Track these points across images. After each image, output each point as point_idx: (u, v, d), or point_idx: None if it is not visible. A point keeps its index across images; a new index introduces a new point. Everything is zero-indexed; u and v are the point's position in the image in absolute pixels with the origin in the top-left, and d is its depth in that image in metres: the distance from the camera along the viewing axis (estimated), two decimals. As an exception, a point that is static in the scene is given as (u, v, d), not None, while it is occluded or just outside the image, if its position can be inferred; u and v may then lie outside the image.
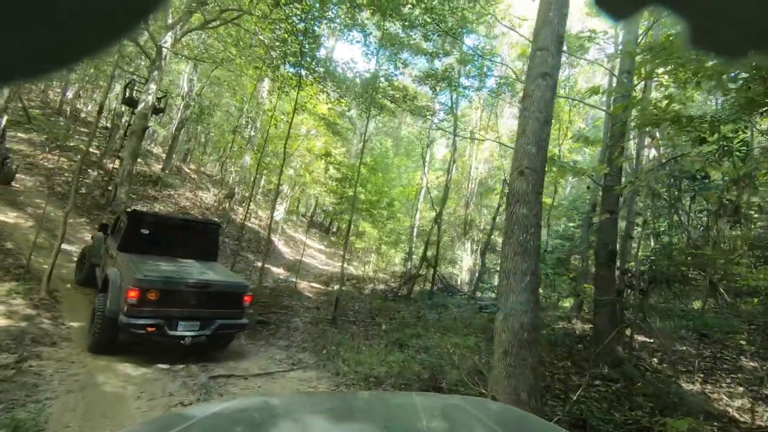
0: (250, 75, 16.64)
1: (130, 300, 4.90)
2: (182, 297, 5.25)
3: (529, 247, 3.31)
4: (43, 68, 0.26)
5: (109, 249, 6.44)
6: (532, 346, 3.15)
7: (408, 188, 21.47)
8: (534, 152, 3.43)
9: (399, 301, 13.11)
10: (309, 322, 8.45)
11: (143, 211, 7.07)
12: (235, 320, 5.68)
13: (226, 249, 15.34)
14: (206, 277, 5.68)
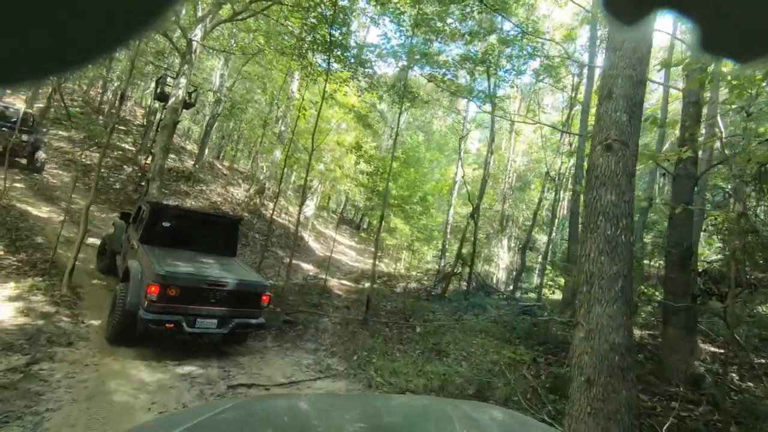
0: (280, 68, 16.35)
1: (151, 295, 4.84)
2: (202, 294, 5.17)
3: (619, 243, 2.57)
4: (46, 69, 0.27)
5: (130, 238, 6.40)
6: (627, 375, 2.42)
7: (441, 183, 20.65)
8: (625, 120, 2.68)
9: (433, 300, 12.44)
10: (339, 322, 7.94)
11: (166, 204, 6.99)
12: (252, 319, 5.60)
13: (255, 245, 15.16)
14: (226, 275, 5.54)
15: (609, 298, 2.50)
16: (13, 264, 6.63)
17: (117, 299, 5.18)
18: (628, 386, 2.41)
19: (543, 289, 13.45)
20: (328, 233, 27.75)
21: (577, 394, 2.49)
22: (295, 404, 1.56)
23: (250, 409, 1.39)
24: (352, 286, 14.21)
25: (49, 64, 0.26)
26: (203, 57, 21.99)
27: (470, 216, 12.77)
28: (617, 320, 2.47)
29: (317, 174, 25.13)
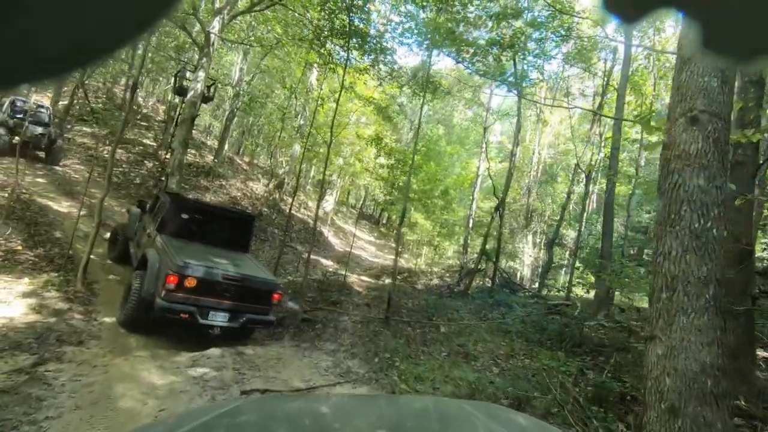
0: (298, 60, 16.07)
1: (169, 285, 4.95)
2: (216, 288, 5.29)
3: (710, 239, 2.09)
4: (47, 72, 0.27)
5: (146, 227, 6.51)
6: (723, 403, 1.95)
7: (462, 177, 20.10)
8: (715, 86, 2.18)
9: (456, 298, 11.99)
10: (359, 321, 7.61)
11: (185, 196, 7.12)
12: (262, 316, 5.71)
13: (275, 240, 15.00)
14: (241, 271, 5.63)
15: (698, 307, 2.02)
16: (30, 259, 6.53)
17: (133, 287, 5.26)
18: (724, 417, 1.94)
19: (571, 286, 12.82)
20: (347, 228, 27.56)
21: (656, 425, 2.02)
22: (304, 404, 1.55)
23: (258, 408, 1.40)
24: (372, 282, 13.88)
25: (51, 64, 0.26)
26: (222, 52, 21.93)
27: (495, 210, 12.24)
28: (708, 335, 1.99)
29: (336, 168, 24.89)
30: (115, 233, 7.79)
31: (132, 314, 5.18)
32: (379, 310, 8.72)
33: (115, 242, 7.66)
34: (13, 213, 7.78)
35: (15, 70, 0.25)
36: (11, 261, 6.24)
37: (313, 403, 1.61)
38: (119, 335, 5.18)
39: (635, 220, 15.50)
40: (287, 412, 1.37)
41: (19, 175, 10.74)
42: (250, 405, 1.47)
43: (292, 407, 1.45)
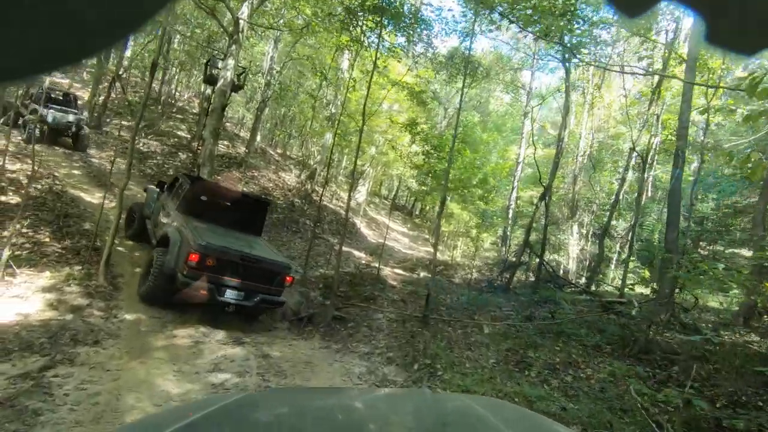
0: (329, 45, 15.53)
1: (191, 262, 5.21)
2: (234, 268, 5.55)
3: None
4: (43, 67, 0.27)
5: (165, 206, 6.72)
6: None
7: (500, 165, 18.99)
8: None
9: (497, 293, 11.19)
10: (395, 319, 7.02)
11: (205, 179, 7.36)
12: (274, 297, 5.93)
13: (306, 231, 14.66)
14: (257, 253, 5.91)
15: None
16: (57, 251, 6.34)
17: (155, 262, 5.51)
18: None
19: (625, 282, 11.70)
20: (380, 219, 27.08)
21: None
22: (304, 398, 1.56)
23: (262, 402, 1.40)
24: (406, 275, 13.28)
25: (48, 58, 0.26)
26: (254, 41, 21.74)
27: (540, 199, 11.28)
28: None
29: (368, 158, 24.37)
30: (132, 212, 7.96)
31: (153, 289, 5.48)
32: (415, 307, 8.11)
33: (132, 220, 7.86)
34: (44, 204, 7.68)
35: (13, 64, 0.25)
36: (37, 253, 6.06)
37: (315, 397, 1.60)
38: (139, 334, 4.83)
39: (696, 209, 14.04)
40: (290, 405, 1.37)
41: (54, 166, 10.87)
42: (254, 398, 1.45)
43: (294, 401, 1.46)
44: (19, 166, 9.21)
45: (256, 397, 1.56)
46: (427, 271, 14.99)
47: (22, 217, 5.59)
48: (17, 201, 7.49)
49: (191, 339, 5.08)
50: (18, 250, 6.05)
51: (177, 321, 5.53)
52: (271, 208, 14.95)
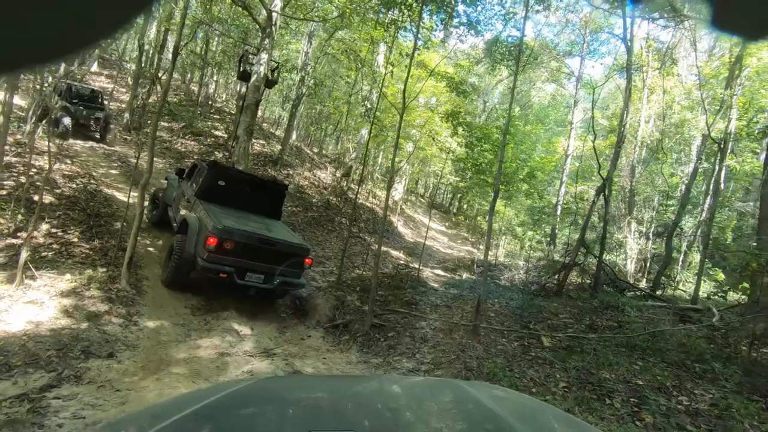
0: (364, 37, 14.93)
1: (209, 246, 5.23)
2: (253, 251, 5.54)
3: None
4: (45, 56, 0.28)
5: (185, 193, 6.79)
6: None
7: (546, 159, 17.70)
8: None
9: (549, 297, 10.17)
10: (440, 328, 6.27)
11: (223, 164, 7.33)
12: (294, 279, 5.99)
13: (342, 230, 14.14)
14: (275, 235, 5.92)
15: None
16: (84, 252, 6.06)
17: (175, 248, 5.63)
18: None
19: (699, 286, 10.33)
20: (417, 218, 26.31)
21: None
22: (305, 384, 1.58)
23: (265, 389, 1.40)
24: (447, 276, 12.46)
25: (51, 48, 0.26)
26: (288, 38, 21.54)
27: (598, 192, 10.13)
28: None
29: (405, 155, 23.70)
30: (155, 198, 8.13)
31: (174, 274, 5.59)
32: (461, 314, 7.32)
33: (155, 206, 8.02)
34: (76, 204, 7.51)
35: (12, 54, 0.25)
36: (64, 254, 5.79)
37: (315, 384, 1.61)
38: (159, 344, 4.36)
39: None
40: (288, 393, 1.36)
41: (92, 166, 10.89)
42: (257, 385, 1.42)
43: (294, 388, 1.45)
44: (57, 165, 9.18)
45: (265, 383, 1.54)
46: (470, 272, 14.10)
47: (39, 217, 5.28)
48: (50, 200, 7.37)
49: (216, 350, 4.57)
50: (45, 250, 5.81)
51: (202, 329, 5.05)
52: (306, 205, 14.56)
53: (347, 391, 1.42)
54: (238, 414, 1.09)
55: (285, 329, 5.92)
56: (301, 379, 2.41)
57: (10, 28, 0.24)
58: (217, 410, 1.08)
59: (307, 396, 1.32)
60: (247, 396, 1.22)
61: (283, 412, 1.16)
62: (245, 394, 1.23)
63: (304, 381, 2.07)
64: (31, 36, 0.25)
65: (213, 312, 5.57)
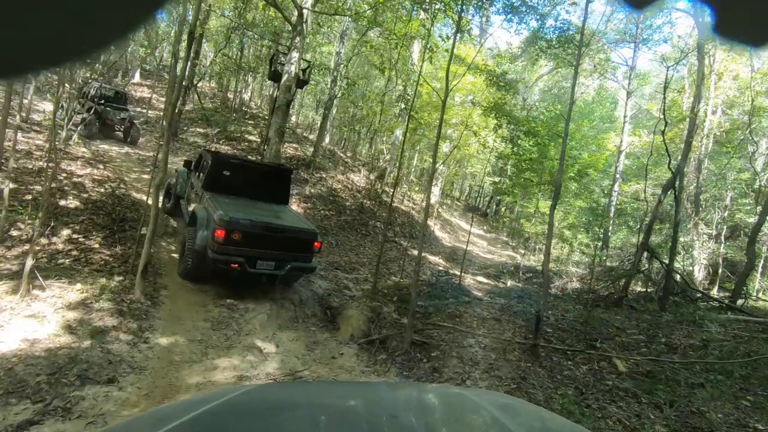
0: (398, 32, 14.27)
1: (218, 238, 5.26)
2: (261, 239, 5.55)
3: None
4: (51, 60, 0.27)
5: (193, 185, 6.92)
6: None
7: (596, 156, 16.29)
8: None
9: (609, 309, 9.03)
10: (491, 346, 5.41)
11: (226, 154, 7.28)
12: (304, 263, 5.99)
13: (377, 234, 13.47)
14: (282, 222, 5.92)
15: None
16: (104, 259, 5.68)
17: (187, 242, 5.75)
18: None
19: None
20: (453, 221, 25.33)
21: None
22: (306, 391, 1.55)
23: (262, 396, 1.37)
24: (491, 284, 11.50)
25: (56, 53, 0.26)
26: (320, 40, 21.27)
27: (665, 189, 8.91)
28: None
29: (442, 156, 22.86)
30: (169, 188, 8.32)
31: (188, 267, 5.64)
32: (513, 328, 6.42)
33: (169, 197, 8.26)
34: (102, 208, 7.22)
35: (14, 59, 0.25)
36: (81, 261, 5.41)
37: (318, 390, 1.60)
38: (170, 365, 3.79)
39: None
40: (289, 399, 1.34)
41: (125, 171, 10.80)
42: (255, 392, 1.40)
43: (295, 394, 1.43)
44: (88, 170, 9.05)
45: (260, 391, 1.47)
46: (515, 279, 13.04)
47: (43, 223, 4.89)
48: (76, 205, 7.13)
49: (234, 372, 3.96)
50: (64, 257, 5.46)
51: (221, 346, 4.47)
52: (339, 208, 14.00)
53: (349, 398, 1.41)
54: (238, 420, 1.09)
55: (314, 345, 5.27)
56: (303, 385, 2.32)
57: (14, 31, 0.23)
58: (218, 416, 1.07)
59: (309, 402, 1.31)
60: (247, 402, 1.21)
61: (283, 419, 1.15)
62: (246, 399, 1.23)
63: (307, 387, 2.03)
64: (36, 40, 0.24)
65: (235, 325, 5.00)
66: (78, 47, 0.26)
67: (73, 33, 0.25)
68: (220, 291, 5.84)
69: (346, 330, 6.02)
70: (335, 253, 10.21)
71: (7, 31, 0.24)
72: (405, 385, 3.43)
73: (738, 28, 0.27)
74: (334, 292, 7.41)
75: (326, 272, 8.42)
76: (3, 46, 0.24)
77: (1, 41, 0.24)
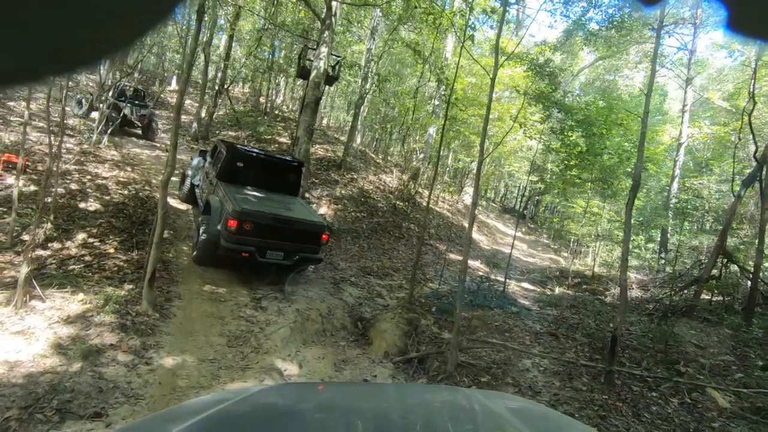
0: (430, 23, 13.50)
1: (230, 228, 5.41)
2: (272, 230, 5.68)
3: None
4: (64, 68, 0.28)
5: (208, 174, 7.09)
6: None
7: (652, 150, 14.78)
8: None
9: (678, 321, 7.85)
10: (554, 370, 4.53)
11: (240, 146, 7.34)
12: (312, 255, 6.14)
13: (411, 237, 12.72)
14: (291, 214, 6.04)
15: None
16: (117, 265, 5.24)
17: (200, 230, 5.99)
18: None
19: None
20: (490, 223, 24.18)
21: None
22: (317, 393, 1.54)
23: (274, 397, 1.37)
24: (537, 291, 10.47)
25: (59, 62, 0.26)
26: (350, 39, 20.78)
27: (747, 182, 7.66)
28: None
29: (475, 155, 21.82)
30: (184, 176, 8.67)
31: (202, 254, 5.84)
32: (575, 346, 5.48)
33: (185, 184, 8.48)
34: (123, 211, 6.86)
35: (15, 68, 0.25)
36: (93, 268, 4.98)
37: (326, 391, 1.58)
38: (173, 393, 3.19)
39: None
40: (300, 400, 1.33)
41: (153, 174, 10.57)
42: (266, 393, 1.41)
43: (306, 395, 1.42)
44: (115, 173, 8.82)
45: (272, 392, 1.49)
46: (563, 285, 11.92)
47: (38, 225, 4.45)
48: (96, 208, 6.80)
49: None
50: (75, 263, 5.05)
51: (236, 366, 3.85)
52: (371, 210, 13.34)
53: (360, 399, 1.40)
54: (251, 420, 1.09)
55: (343, 364, 4.58)
56: (314, 387, 2.36)
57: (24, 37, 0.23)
58: (231, 416, 1.06)
59: (320, 404, 1.31)
60: (259, 403, 1.21)
61: (294, 420, 1.13)
62: (259, 400, 1.22)
63: (318, 388, 2.02)
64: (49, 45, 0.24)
65: (253, 341, 4.38)
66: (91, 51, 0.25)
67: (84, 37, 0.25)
68: (239, 301, 5.27)
69: (380, 345, 5.31)
70: (367, 257, 9.53)
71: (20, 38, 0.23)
72: (413, 386, 3.42)
73: (751, 24, 0.26)
74: (365, 301, 6.72)
75: (357, 278, 7.76)
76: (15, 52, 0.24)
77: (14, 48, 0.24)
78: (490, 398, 1.51)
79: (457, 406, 1.39)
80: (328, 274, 7.40)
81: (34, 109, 11.99)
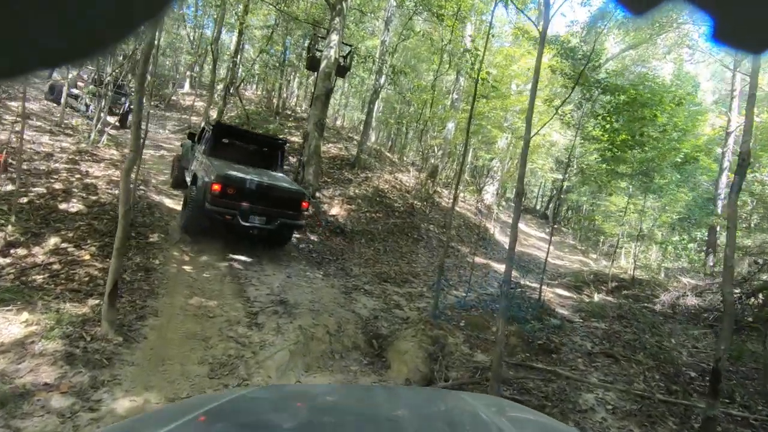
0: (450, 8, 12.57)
1: (214, 192, 5.74)
2: (254, 195, 6.01)
3: None
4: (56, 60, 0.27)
5: (196, 154, 7.30)
6: None
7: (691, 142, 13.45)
8: None
9: (751, 336, 6.66)
10: (623, 408, 3.50)
11: (226, 123, 7.87)
12: (294, 221, 6.47)
13: (430, 239, 11.74)
14: (272, 181, 6.41)
15: None
16: (91, 274, 4.45)
17: (188, 197, 6.35)
18: None
19: None
20: (513, 223, 22.89)
21: None
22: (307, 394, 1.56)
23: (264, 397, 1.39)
24: (575, 298, 9.34)
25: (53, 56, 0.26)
26: (363, 34, 19.96)
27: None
28: None
29: (497, 152, 20.79)
30: (176, 161, 9.00)
31: (189, 219, 6.09)
32: (643, 373, 4.42)
33: (175, 169, 8.84)
34: (108, 212, 6.10)
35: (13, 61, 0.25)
36: (59, 278, 4.19)
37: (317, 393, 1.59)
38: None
39: None
40: (289, 402, 1.33)
41: (155, 173, 9.89)
42: (256, 393, 1.46)
43: (296, 397, 1.43)
44: (110, 172, 8.12)
45: (255, 394, 1.48)
46: (600, 291, 10.75)
47: None
48: (78, 209, 6.07)
49: None
50: (41, 272, 4.28)
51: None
52: (387, 210, 12.42)
53: (348, 401, 1.39)
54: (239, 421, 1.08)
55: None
56: (302, 388, 2.32)
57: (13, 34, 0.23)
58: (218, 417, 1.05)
59: (308, 405, 1.29)
60: (246, 404, 1.20)
61: (283, 421, 1.12)
62: (245, 402, 1.21)
63: (306, 389, 2.05)
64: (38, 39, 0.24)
65: (243, 369, 3.49)
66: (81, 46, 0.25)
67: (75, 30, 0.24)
68: (232, 316, 4.41)
69: (400, 370, 4.37)
70: (383, 261, 8.60)
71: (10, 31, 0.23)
72: (402, 388, 3.39)
73: (737, 35, 0.26)
74: (382, 313, 5.79)
75: (372, 286, 6.83)
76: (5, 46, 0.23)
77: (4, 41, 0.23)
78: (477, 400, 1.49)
79: (445, 408, 1.38)
80: (338, 282, 6.50)
81: (31, 108, 11.53)
